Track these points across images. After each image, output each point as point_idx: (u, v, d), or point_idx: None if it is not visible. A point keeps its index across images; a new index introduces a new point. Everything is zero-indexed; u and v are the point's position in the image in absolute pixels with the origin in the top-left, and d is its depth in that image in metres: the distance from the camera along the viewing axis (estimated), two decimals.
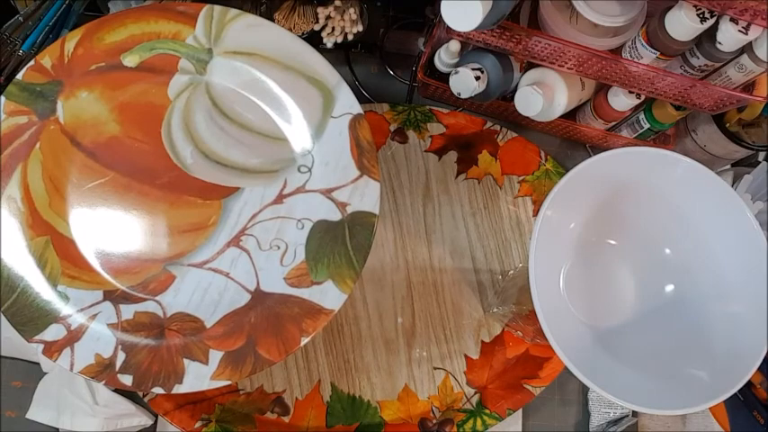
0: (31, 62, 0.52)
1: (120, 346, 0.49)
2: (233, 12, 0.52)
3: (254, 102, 0.51)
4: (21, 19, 0.64)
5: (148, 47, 0.53)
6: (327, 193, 0.50)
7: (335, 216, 0.50)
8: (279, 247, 0.50)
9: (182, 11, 0.53)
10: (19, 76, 0.52)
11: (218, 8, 0.53)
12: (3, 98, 0.51)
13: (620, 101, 0.63)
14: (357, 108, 0.51)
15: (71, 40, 0.53)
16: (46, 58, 0.52)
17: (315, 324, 0.47)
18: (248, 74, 0.51)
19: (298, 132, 0.51)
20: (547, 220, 0.52)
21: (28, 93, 0.52)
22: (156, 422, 0.62)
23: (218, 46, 0.52)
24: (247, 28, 0.52)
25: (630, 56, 0.55)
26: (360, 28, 0.63)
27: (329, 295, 0.48)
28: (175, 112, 0.53)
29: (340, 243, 0.49)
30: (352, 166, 0.50)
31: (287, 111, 0.51)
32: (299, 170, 0.51)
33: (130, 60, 0.53)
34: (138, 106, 0.53)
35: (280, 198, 0.51)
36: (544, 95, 0.60)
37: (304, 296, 0.48)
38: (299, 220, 0.50)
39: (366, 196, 0.50)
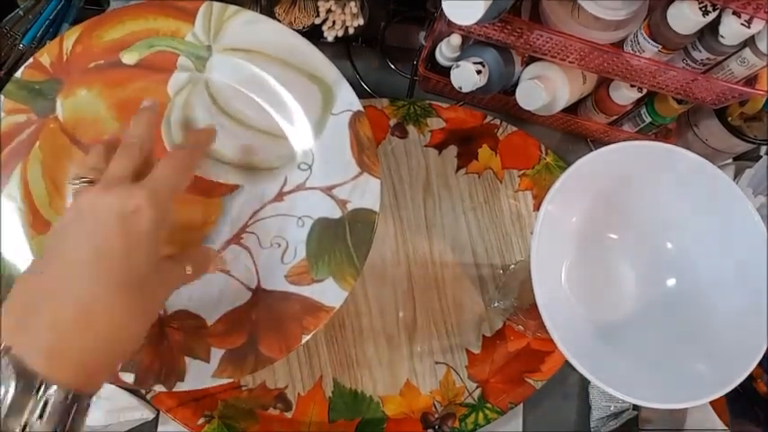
0: (30, 60, 0.52)
1: None
2: (232, 8, 0.52)
3: (254, 99, 0.51)
4: (21, 13, 0.64)
5: (147, 44, 0.53)
6: (328, 190, 0.50)
7: (336, 214, 0.49)
8: (279, 245, 0.50)
9: (181, 7, 0.52)
10: (18, 74, 0.52)
11: (216, 5, 0.52)
12: (2, 97, 0.51)
13: (622, 95, 0.63)
14: (357, 105, 0.51)
15: (70, 38, 0.52)
16: (45, 56, 0.52)
17: (316, 321, 0.47)
18: (247, 71, 0.51)
19: (298, 129, 0.51)
20: (548, 215, 0.52)
21: (27, 91, 0.51)
22: (157, 415, 0.62)
23: (218, 43, 0.52)
24: (246, 24, 0.52)
25: (632, 49, 0.55)
26: (360, 21, 0.63)
27: (330, 293, 0.48)
28: (175, 109, 0.53)
29: (340, 241, 0.49)
30: (352, 163, 0.50)
31: (287, 108, 0.51)
32: (299, 167, 0.51)
33: (129, 58, 0.53)
34: (138, 104, 0.52)
35: (280, 195, 0.50)
36: (546, 89, 0.60)
37: (305, 294, 0.48)
38: (299, 218, 0.50)
39: (366, 193, 0.49)
